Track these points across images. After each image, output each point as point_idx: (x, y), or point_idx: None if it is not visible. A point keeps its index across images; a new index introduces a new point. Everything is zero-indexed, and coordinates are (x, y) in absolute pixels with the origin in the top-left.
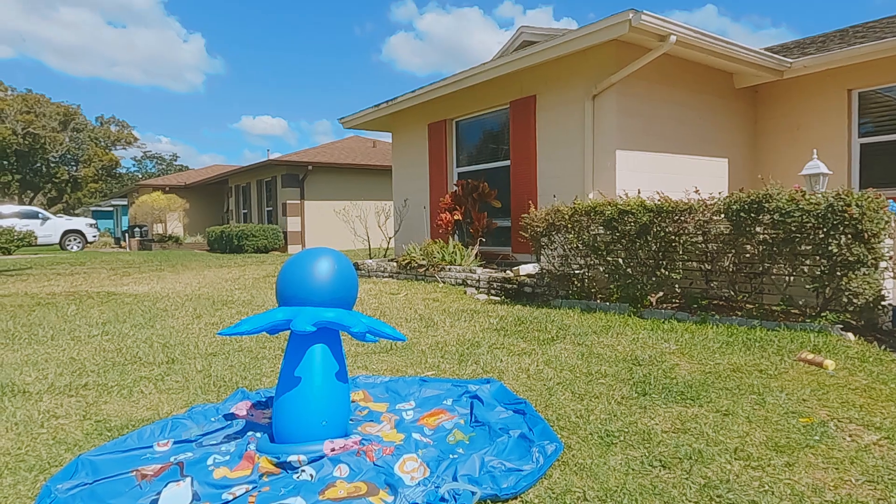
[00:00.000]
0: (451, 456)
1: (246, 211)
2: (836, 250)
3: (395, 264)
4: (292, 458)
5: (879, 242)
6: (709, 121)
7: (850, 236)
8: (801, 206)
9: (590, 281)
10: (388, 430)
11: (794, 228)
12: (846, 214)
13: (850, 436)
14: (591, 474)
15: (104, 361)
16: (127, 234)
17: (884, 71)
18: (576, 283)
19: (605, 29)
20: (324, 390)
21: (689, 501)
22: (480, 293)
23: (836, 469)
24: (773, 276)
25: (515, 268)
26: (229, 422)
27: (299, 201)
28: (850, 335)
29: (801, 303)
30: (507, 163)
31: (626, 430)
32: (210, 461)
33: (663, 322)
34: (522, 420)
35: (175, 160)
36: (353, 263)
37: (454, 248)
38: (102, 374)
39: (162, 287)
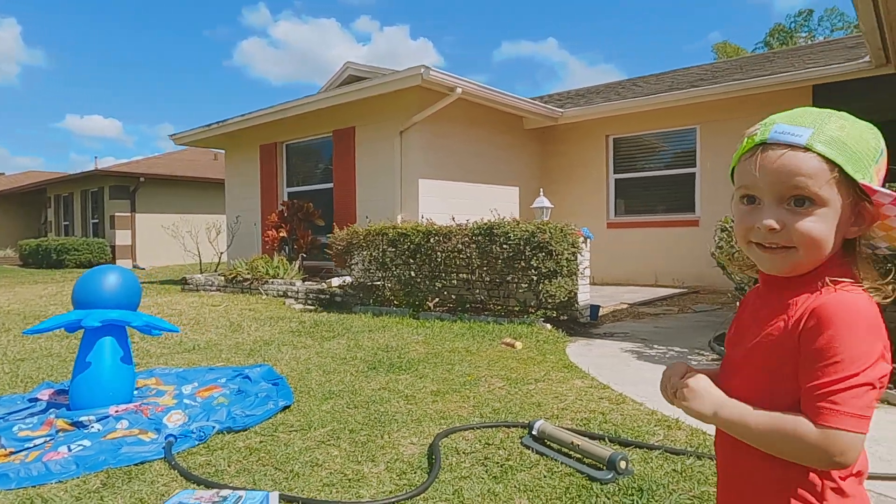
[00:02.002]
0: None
1: (68, 223)
2: (537, 264)
3: (223, 278)
4: (83, 418)
5: (568, 259)
6: (503, 155)
7: (545, 255)
8: (516, 233)
9: (389, 290)
10: (167, 399)
11: (516, 248)
12: (542, 239)
13: (488, 385)
14: (303, 413)
15: None
16: None
17: (631, 122)
18: (377, 292)
19: (405, 78)
20: (111, 370)
21: (356, 421)
22: (298, 303)
23: (464, 401)
24: (511, 284)
25: (328, 280)
26: (33, 403)
27: (129, 214)
28: (548, 325)
29: (530, 304)
30: (332, 185)
31: (345, 390)
32: (15, 428)
33: (430, 321)
34: (276, 389)
35: None
36: (182, 278)
37: (278, 262)
38: None
39: None
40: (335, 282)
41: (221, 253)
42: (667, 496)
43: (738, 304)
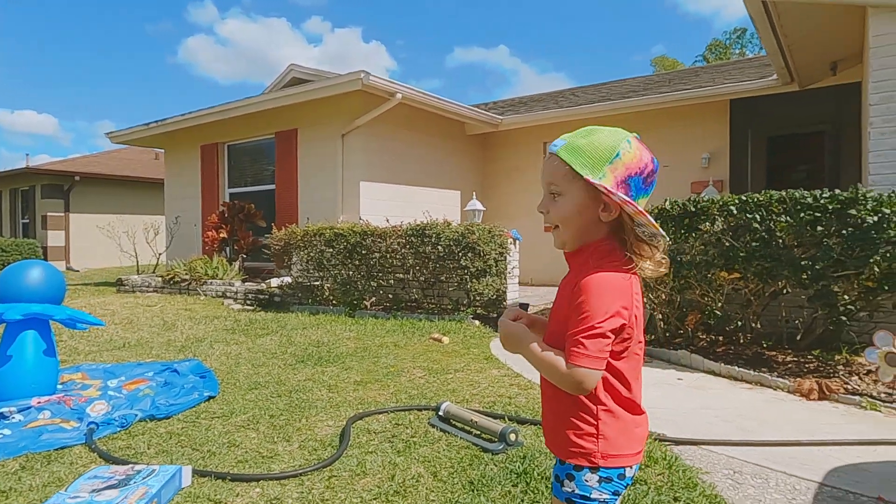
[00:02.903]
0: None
1: None
2: (466, 264)
3: (160, 279)
4: (4, 409)
5: (496, 259)
6: (445, 159)
7: (474, 255)
8: (446, 234)
9: (327, 290)
10: (92, 392)
11: (448, 249)
12: (471, 240)
13: (410, 375)
14: (227, 402)
15: None
16: None
17: (566, 131)
18: (315, 292)
19: (347, 82)
20: (34, 363)
21: (277, 408)
22: (237, 303)
23: (383, 389)
24: (443, 284)
25: (267, 280)
26: None
27: (63, 214)
28: (477, 322)
29: (462, 302)
30: (274, 187)
31: (272, 381)
32: None
33: (364, 319)
34: (202, 381)
35: None
36: (118, 279)
37: (218, 263)
38: None
39: None
40: (274, 282)
41: (160, 254)
42: (545, 460)
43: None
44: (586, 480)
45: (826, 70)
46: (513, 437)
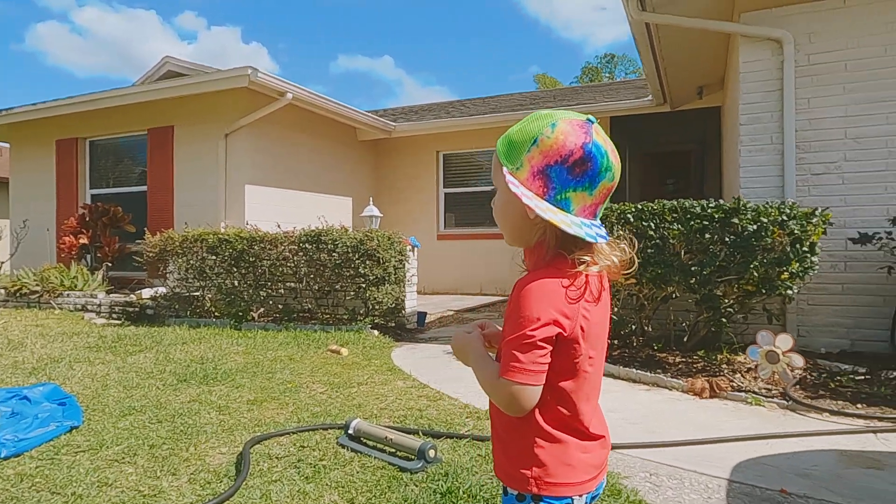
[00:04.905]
0: None
1: None
2: (365, 272)
3: (3, 291)
4: None
5: (395, 267)
6: (337, 165)
7: (373, 262)
8: (344, 240)
9: (209, 301)
10: None
11: (344, 256)
12: (370, 247)
13: (310, 391)
14: (95, 433)
15: None
16: None
17: (459, 140)
18: (195, 303)
19: (231, 78)
20: None
21: (158, 436)
22: (101, 317)
23: (282, 408)
24: (339, 292)
25: (138, 291)
26: None
27: None
28: (376, 332)
29: (359, 311)
30: (145, 188)
31: (149, 405)
32: None
33: (252, 331)
34: (61, 409)
35: None
36: None
37: (77, 273)
38: None
39: None
40: (146, 293)
41: (2, 263)
42: (469, 477)
43: None
44: None
45: (694, 94)
46: (432, 453)
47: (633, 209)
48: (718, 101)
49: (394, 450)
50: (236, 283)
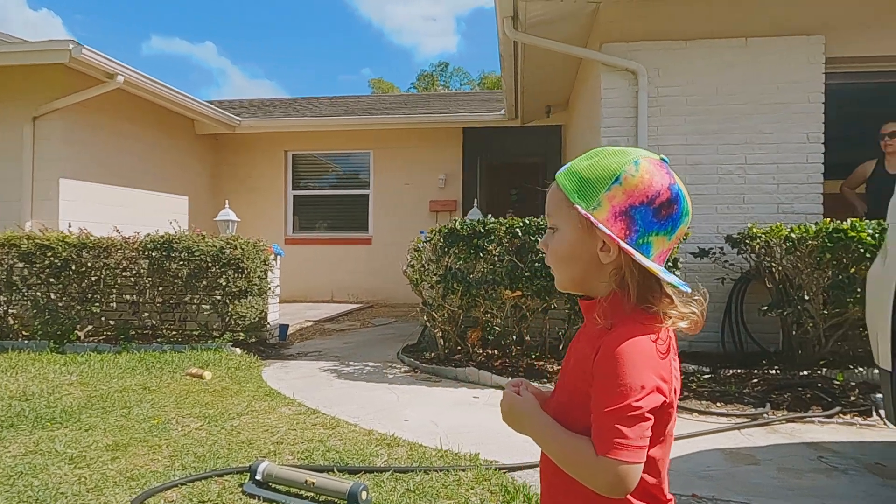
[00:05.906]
0: None
1: None
2: (225, 283)
3: None
4: None
5: (260, 277)
6: (172, 160)
7: (236, 272)
8: (201, 248)
9: (14, 318)
10: None
11: (200, 265)
12: (233, 255)
13: (182, 427)
14: None
15: None
16: None
17: (310, 141)
18: None
19: (44, 52)
20: None
21: None
22: None
23: (155, 452)
24: (191, 306)
25: None
26: None
27: None
28: (238, 350)
29: (214, 326)
30: None
31: None
32: None
33: (81, 355)
34: None
35: None
36: None
37: None
38: None
39: None
40: None
41: None
42: None
43: (418, 318)
44: None
45: (542, 112)
46: (364, 495)
47: (521, 224)
48: (563, 119)
49: (314, 494)
50: (54, 296)
